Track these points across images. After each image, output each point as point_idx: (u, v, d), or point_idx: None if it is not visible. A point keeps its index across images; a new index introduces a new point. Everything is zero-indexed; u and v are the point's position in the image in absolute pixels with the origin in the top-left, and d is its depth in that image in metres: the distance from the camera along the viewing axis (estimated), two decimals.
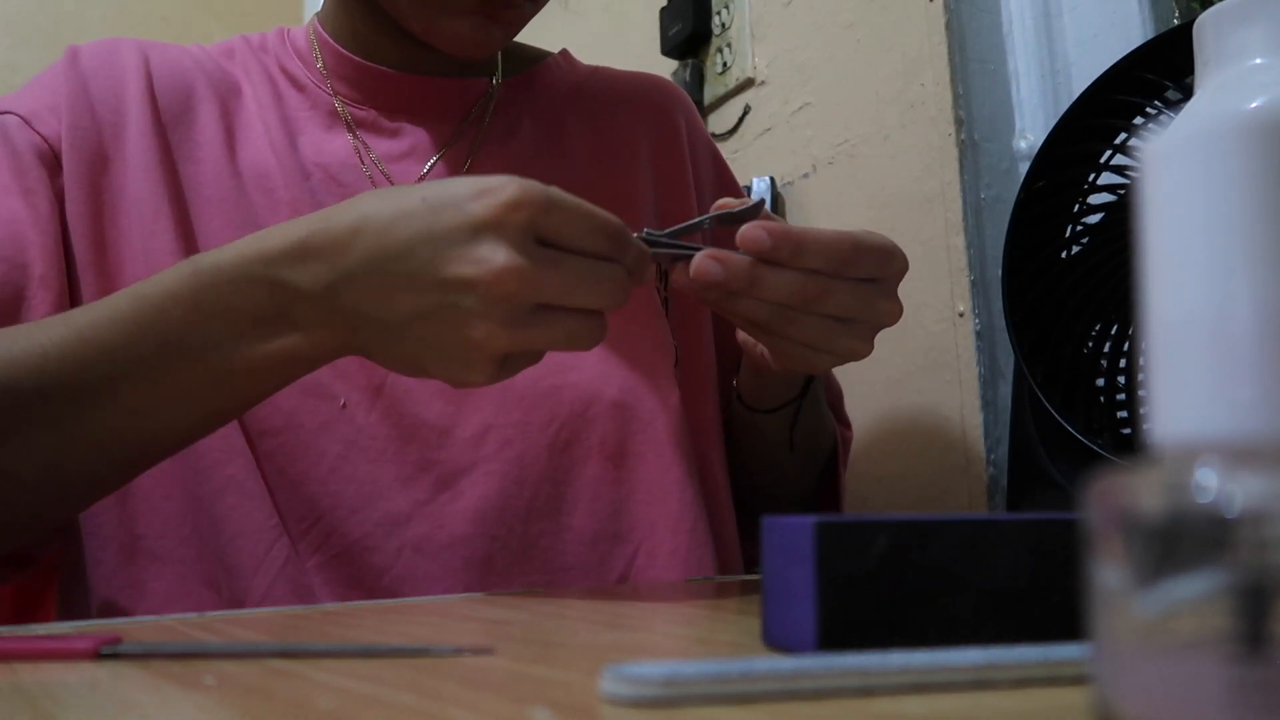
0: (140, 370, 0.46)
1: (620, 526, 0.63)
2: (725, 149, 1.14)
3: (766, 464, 0.75)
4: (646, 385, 0.65)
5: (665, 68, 1.22)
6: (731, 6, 1.14)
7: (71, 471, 0.48)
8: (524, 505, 0.61)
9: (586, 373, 0.64)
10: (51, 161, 0.62)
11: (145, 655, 0.32)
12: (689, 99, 0.84)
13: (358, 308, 0.43)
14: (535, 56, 0.79)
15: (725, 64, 1.14)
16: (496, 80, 0.74)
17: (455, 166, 0.69)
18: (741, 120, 1.11)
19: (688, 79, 1.17)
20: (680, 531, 0.63)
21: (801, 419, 0.70)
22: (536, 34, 0.69)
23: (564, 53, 0.81)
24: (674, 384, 0.68)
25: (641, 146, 0.76)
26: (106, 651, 0.32)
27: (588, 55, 0.83)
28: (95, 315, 0.47)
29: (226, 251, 0.45)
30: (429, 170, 0.68)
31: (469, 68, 0.72)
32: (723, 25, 1.15)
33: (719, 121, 1.16)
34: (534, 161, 0.71)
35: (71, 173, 0.61)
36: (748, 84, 1.11)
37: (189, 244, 0.62)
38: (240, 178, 0.65)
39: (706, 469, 0.69)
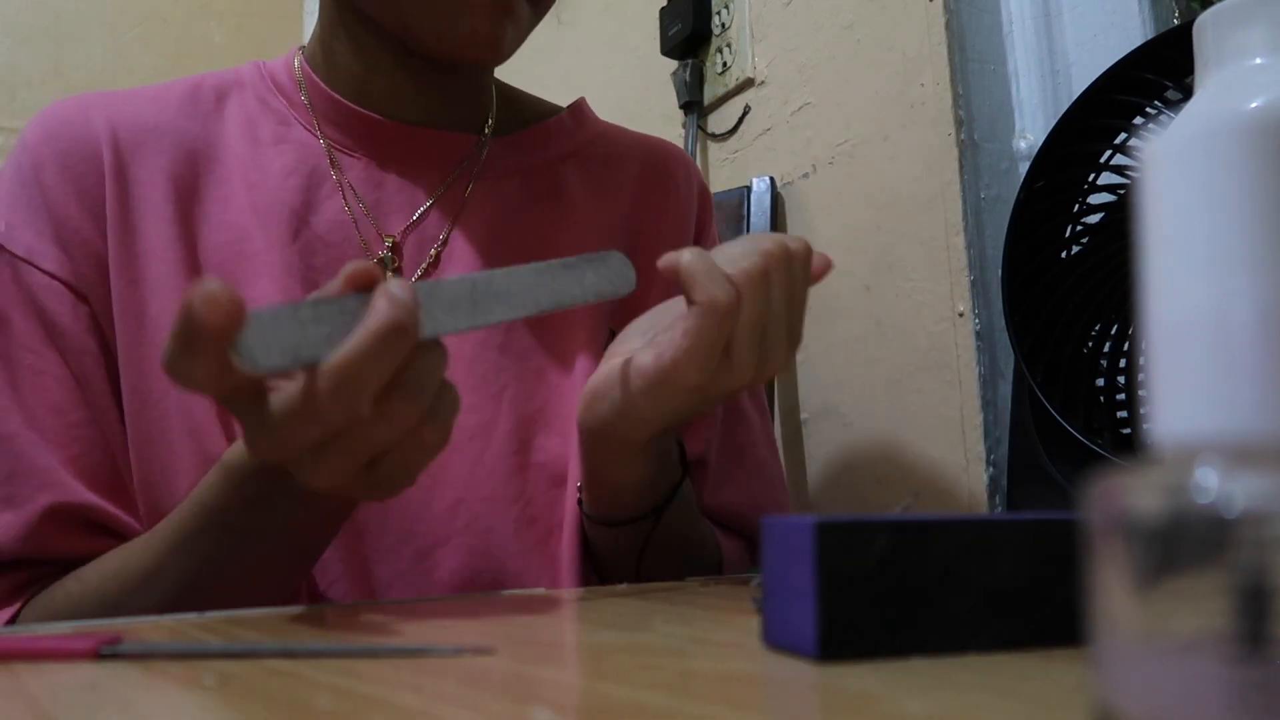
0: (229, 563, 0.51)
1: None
2: (725, 149, 1.14)
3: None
4: None
5: (665, 68, 1.22)
6: (731, 6, 1.14)
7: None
8: (491, 578, 0.61)
9: (551, 452, 0.63)
10: (72, 300, 0.59)
11: (145, 655, 0.32)
12: (701, 174, 0.80)
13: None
14: (544, 113, 0.75)
15: (725, 64, 1.14)
16: (489, 130, 0.71)
17: (445, 217, 0.67)
18: (741, 120, 1.11)
19: (688, 79, 1.17)
20: None
21: (654, 546, 0.59)
22: (537, 38, 0.69)
23: (578, 106, 0.77)
24: None
25: (643, 215, 0.73)
26: (106, 651, 0.32)
27: (587, 56, 0.83)
28: (175, 533, 0.51)
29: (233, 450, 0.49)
30: (418, 218, 0.66)
31: (459, 121, 0.69)
32: (723, 25, 1.15)
33: (719, 121, 1.16)
34: (523, 216, 0.69)
35: (92, 287, 0.60)
36: (748, 84, 1.11)
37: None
38: (209, 255, 0.61)
39: None
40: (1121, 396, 0.63)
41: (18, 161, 0.62)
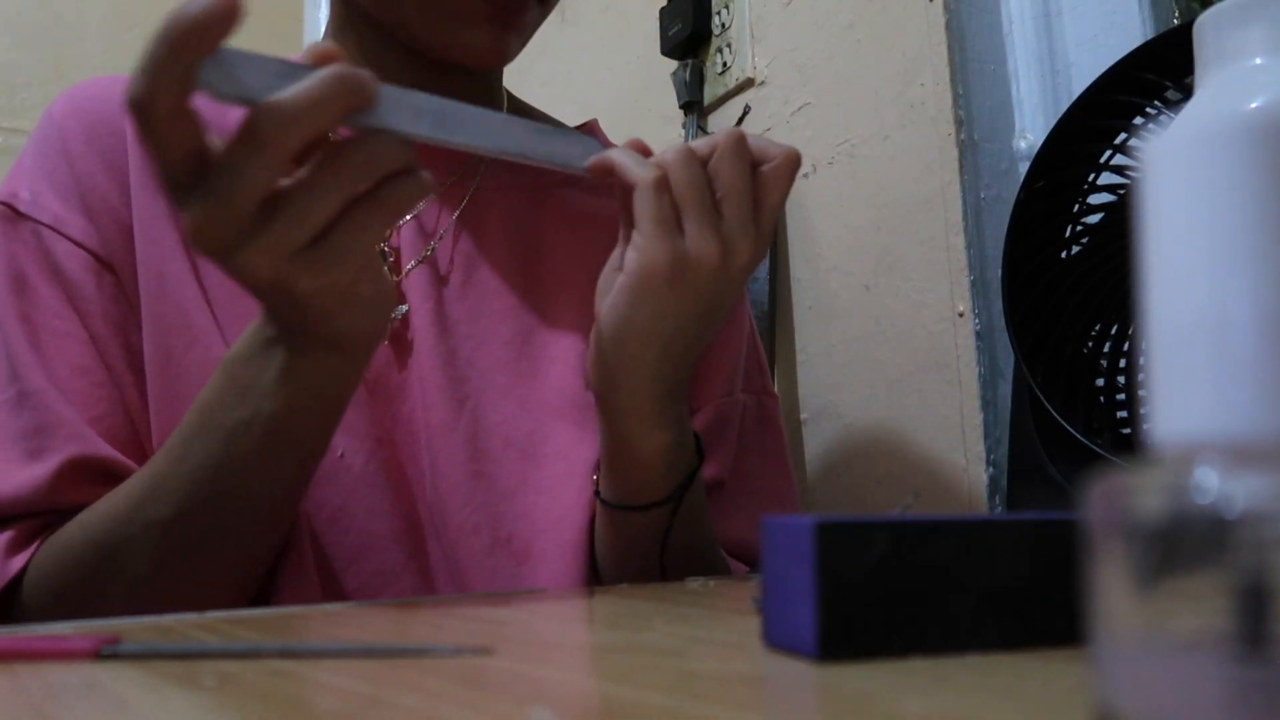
0: (229, 456, 0.50)
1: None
2: None
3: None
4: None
5: (665, 68, 1.22)
6: (731, 6, 1.14)
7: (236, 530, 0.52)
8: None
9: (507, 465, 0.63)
10: (96, 267, 0.60)
11: (145, 655, 0.32)
12: None
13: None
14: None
15: (725, 64, 1.14)
16: None
17: (446, 214, 0.67)
18: (741, 120, 1.11)
19: (688, 79, 1.17)
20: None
21: (677, 530, 0.59)
22: (537, 38, 0.69)
23: (589, 128, 0.76)
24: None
25: None
26: (106, 651, 0.32)
27: (587, 56, 0.83)
28: (175, 442, 0.51)
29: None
30: (417, 213, 0.66)
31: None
32: (723, 25, 1.15)
33: (719, 122, 1.16)
34: (524, 225, 0.69)
35: (117, 257, 0.60)
36: (748, 84, 1.11)
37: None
38: None
39: None
40: (1121, 396, 0.63)
41: (44, 133, 0.63)
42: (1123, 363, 0.63)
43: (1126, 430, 0.62)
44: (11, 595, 0.53)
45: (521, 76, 0.79)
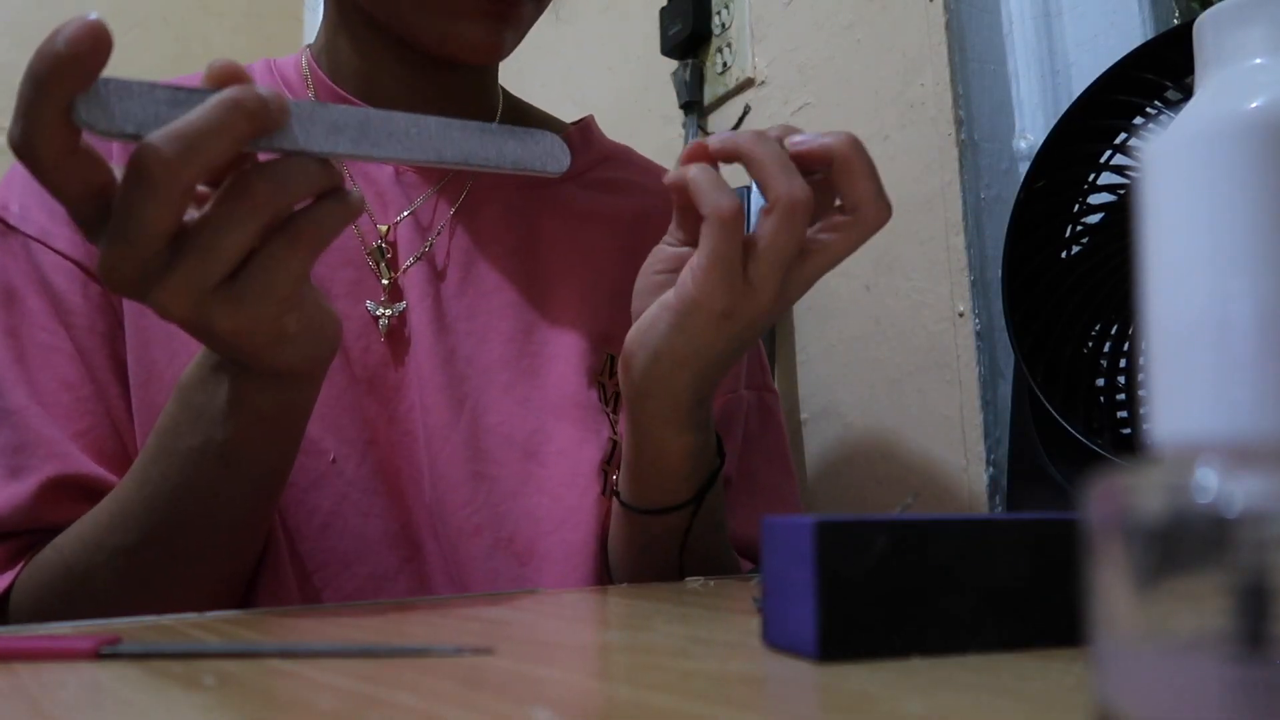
0: (190, 478, 0.49)
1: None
2: None
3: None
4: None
5: (665, 68, 1.22)
6: (731, 6, 1.14)
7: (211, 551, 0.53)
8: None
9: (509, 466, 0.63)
10: (83, 279, 0.60)
11: (145, 655, 0.32)
12: None
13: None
14: (551, 130, 0.75)
15: (725, 64, 1.14)
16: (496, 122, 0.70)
17: (443, 211, 0.67)
18: (741, 120, 1.11)
19: (688, 79, 1.17)
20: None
21: (696, 532, 0.58)
22: (536, 38, 0.69)
23: (586, 125, 0.76)
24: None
25: (642, 247, 0.68)
26: (106, 651, 0.32)
27: (587, 56, 0.83)
28: (137, 467, 0.51)
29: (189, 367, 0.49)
30: (414, 210, 0.66)
31: (464, 117, 0.69)
32: (723, 25, 1.15)
33: (719, 122, 1.16)
34: (520, 222, 0.69)
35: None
36: (748, 84, 1.11)
37: None
38: None
39: None
40: (1121, 396, 0.63)
41: None
42: (1123, 363, 0.63)
43: (1126, 430, 0.62)
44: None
45: (521, 76, 0.79)
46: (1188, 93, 0.55)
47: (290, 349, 0.44)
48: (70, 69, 0.35)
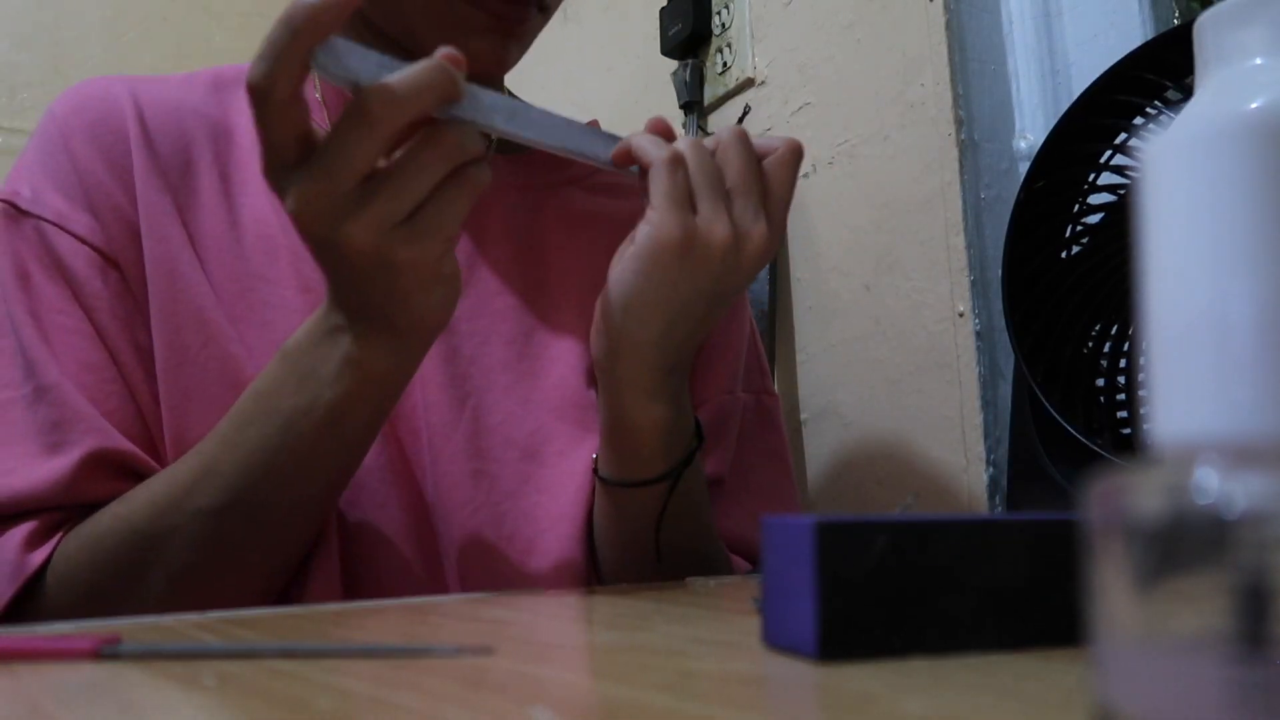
0: (277, 449, 0.51)
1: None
2: None
3: (624, 560, 0.62)
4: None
5: (665, 68, 1.22)
6: (731, 6, 1.14)
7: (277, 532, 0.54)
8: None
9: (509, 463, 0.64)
10: (101, 264, 0.60)
11: (145, 655, 0.32)
12: None
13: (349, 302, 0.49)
14: None
15: (725, 64, 1.14)
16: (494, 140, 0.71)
17: None
18: (741, 120, 1.11)
19: (688, 79, 1.17)
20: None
21: (671, 510, 0.59)
22: (537, 38, 0.69)
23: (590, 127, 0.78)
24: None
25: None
26: (106, 651, 0.32)
27: (588, 56, 0.83)
28: (226, 429, 0.53)
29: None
30: None
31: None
32: (723, 25, 1.15)
33: (719, 122, 1.16)
34: (524, 225, 0.69)
35: (124, 256, 0.60)
36: (748, 84, 1.11)
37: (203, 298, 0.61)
38: (239, 228, 0.63)
39: None
40: (1121, 396, 0.63)
41: (46, 131, 0.63)
42: (1123, 363, 0.63)
43: (1126, 430, 0.62)
44: (31, 590, 0.53)
45: (521, 77, 0.79)
46: (1188, 93, 0.55)
47: (437, 292, 0.49)
48: (323, 18, 0.42)
